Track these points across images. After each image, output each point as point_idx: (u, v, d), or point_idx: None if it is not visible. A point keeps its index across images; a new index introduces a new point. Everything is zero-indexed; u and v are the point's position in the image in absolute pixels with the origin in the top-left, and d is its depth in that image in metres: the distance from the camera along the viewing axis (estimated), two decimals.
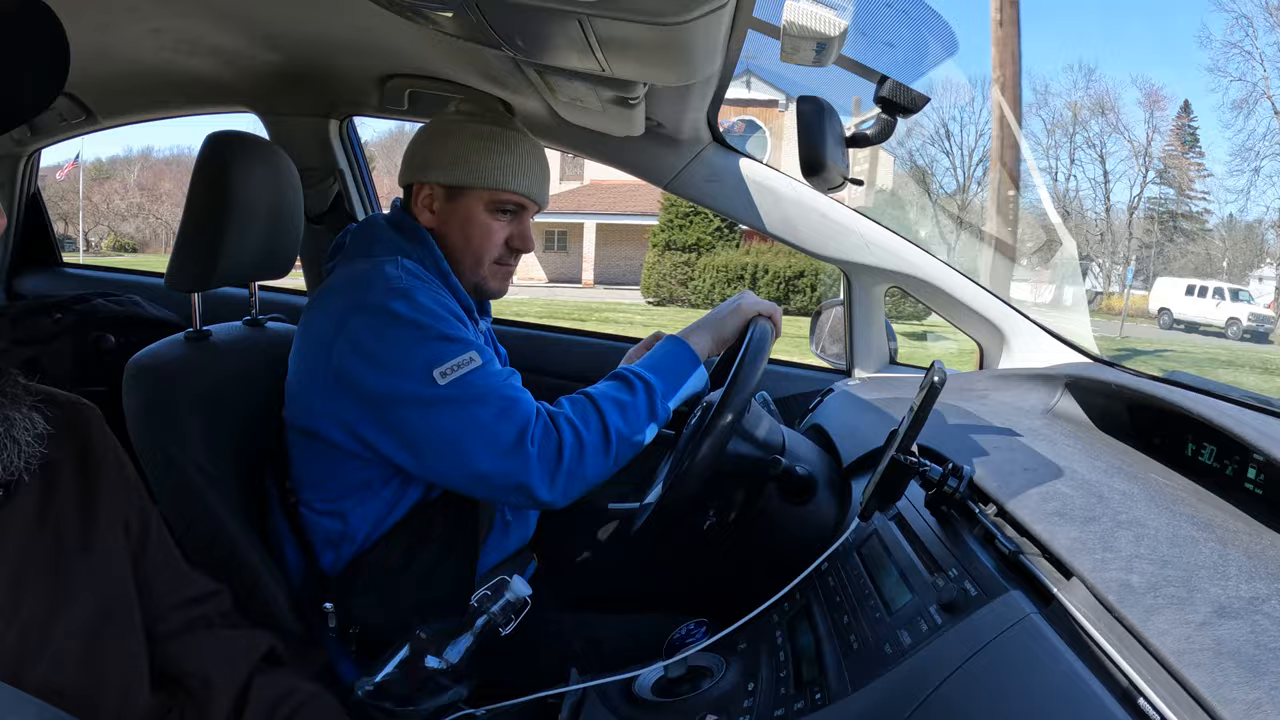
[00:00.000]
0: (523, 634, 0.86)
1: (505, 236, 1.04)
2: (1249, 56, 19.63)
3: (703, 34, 0.71)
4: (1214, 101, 24.86)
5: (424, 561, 0.96)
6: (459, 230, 1.02)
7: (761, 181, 1.46)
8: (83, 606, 0.58)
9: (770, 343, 0.97)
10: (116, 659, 0.60)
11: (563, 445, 0.88)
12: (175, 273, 1.02)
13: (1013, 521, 0.69)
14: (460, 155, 1.00)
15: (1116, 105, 21.10)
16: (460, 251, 1.03)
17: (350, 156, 1.68)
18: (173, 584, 0.68)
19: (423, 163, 1.03)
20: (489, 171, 1.01)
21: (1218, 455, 0.81)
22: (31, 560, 0.56)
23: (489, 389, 0.88)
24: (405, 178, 1.05)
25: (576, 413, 0.92)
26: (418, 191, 1.03)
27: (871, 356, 1.53)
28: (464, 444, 0.87)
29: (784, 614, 0.85)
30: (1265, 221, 20.01)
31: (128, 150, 21.99)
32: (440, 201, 1.02)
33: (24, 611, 0.55)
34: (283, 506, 0.98)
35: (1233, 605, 0.51)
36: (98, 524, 0.61)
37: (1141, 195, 20.87)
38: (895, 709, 0.58)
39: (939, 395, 0.72)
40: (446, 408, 0.87)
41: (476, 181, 1.01)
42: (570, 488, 0.90)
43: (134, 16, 1.16)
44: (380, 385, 0.88)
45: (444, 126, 1.03)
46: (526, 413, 0.89)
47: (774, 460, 0.95)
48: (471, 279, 1.04)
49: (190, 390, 0.97)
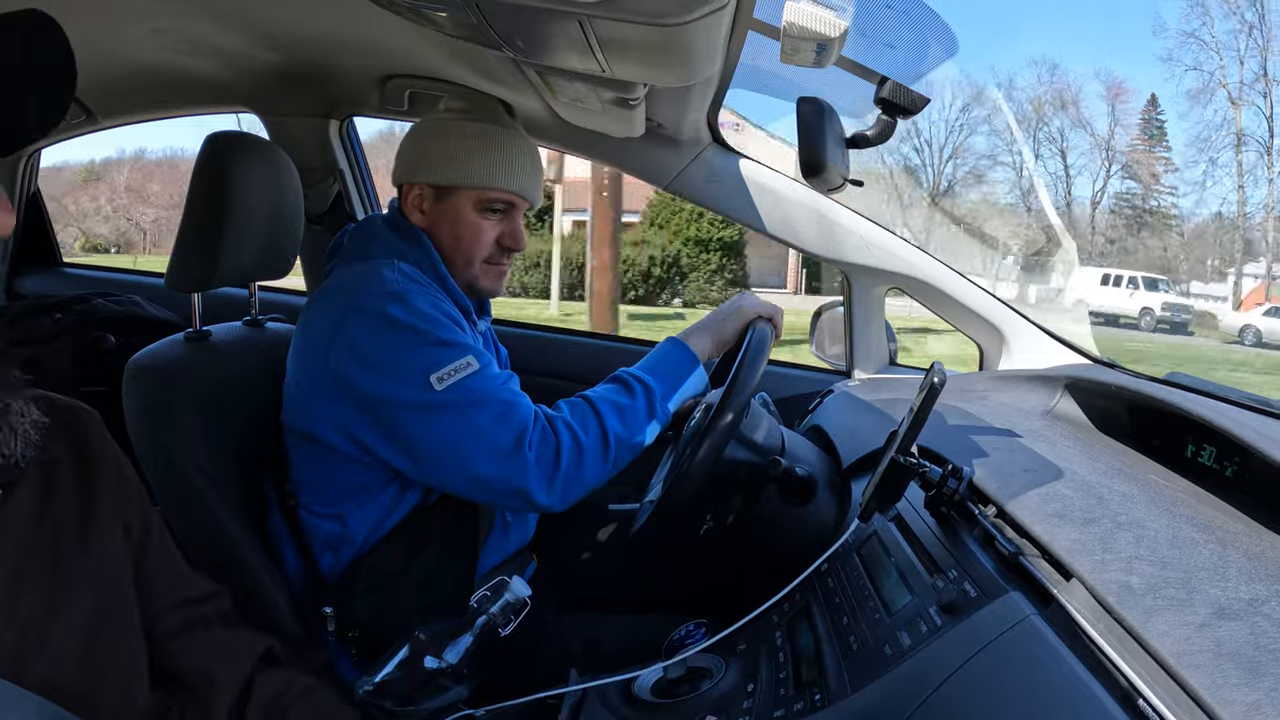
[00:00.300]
0: (522, 635, 0.86)
1: (496, 235, 1.03)
2: (1205, 45, 18.81)
3: (703, 35, 0.71)
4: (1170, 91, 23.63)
5: (423, 564, 0.96)
6: (448, 230, 1.02)
7: (761, 182, 1.46)
8: (81, 605, 0.58)
9: (770, 344, 0.97)
10: (116, 657, 0.60)
11: (561, 449, 0.88)
12: (175, 273, 1.02)
13: (1012, 523, 0.69)
14: (448, 155, 1.00)
15: (1078, 99, 20.43)
16: (451, 251, 1.02)
17: (350, 157, 1.68)
18: (173, 584, 0.68)
19: (412, 163, 1.02)
20: (477, 171, 1.00)
21: (1217, 457, 0.81)
22: (30, 559, 0.56)
23: (487, 393, 0.88)
24: (397, 178, 1.05)
25: (575, 417, 0.91)
26: (407, 192, 1.03)
27: (871, 357, 1.53)
28: (462, 449, 0.87)
29: (783, 615, 0.85)
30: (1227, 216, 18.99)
31: (120, 152, 21.77)
32: (429, 202, 1.02)
33: (23, 610, 0.55)
34: (282, 509, 0.98)
35: (1232, 607, 0.51)
36: (96, 525, 0.61)
37: (1104, 190, 20.38)
38: (895, 710, 0.58)
39: (939, 396, 0.72)
40: (444, 413, 0.87)
41: (464, 181, 1.00)
42: (569, 492, 0.90)
43: (134, 17, 1.16)
44: (377, 390, 0.88)
45: (432, 126, 1.03)
46: (524, 417, 0.88)
47: (774, 462, 0.95)
48: (464, 278, 1.04)
49: (190, 390, 0.96)
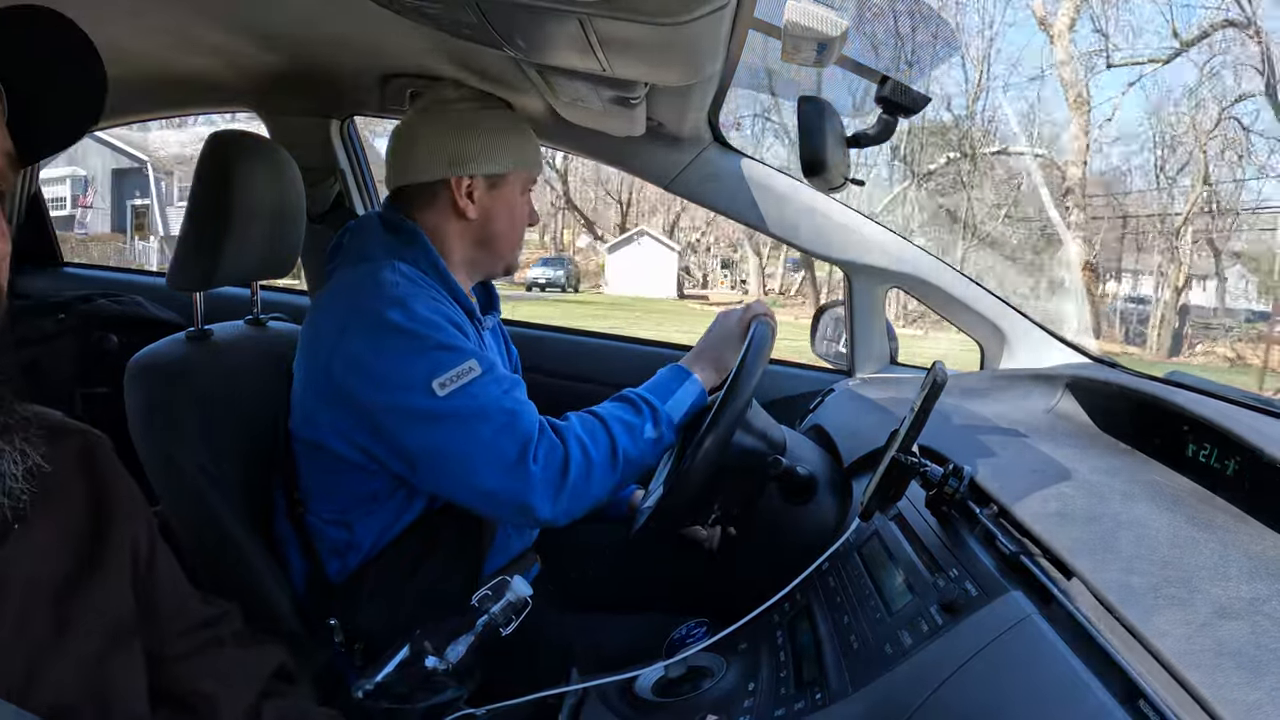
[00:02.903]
0: (523, 634, 0.86)
1: (527, 214, 1.09)
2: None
3: (704, 34, 0.71)
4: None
5: (430, 570, 0.96)
6: (505, 217, 1.05)
7: (762, 182, 1.46)
8: (89, 634, 0.58)
9: (770, 344, 0.97)
10: (122, 684, 0.59)
11: (569, 461, 0.88)
12: (177, 272, 1.02)
13: (1013, 522, 0.69)
14: (496, 144, 1.02)
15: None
16: (507, 238, 1.06)
17: (351, 156, 1.68)
18: (180, 610, 0.68)
19: (454, 156, 1.01)
20: (528, 155, 1.05)
21: (1219, 456, 0.81)
22: (39, 587, 0.56)
23: (490, 402, 0.88)
24: (429, 174, 1.02)
25: (585, 430, 0.91)
26: (457, 186, 1.01)
27: (872, 356, 1.53)
28: (465, 461, 0.86)
29: (784, 614, 0.85)
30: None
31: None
32: (482, 191, 1.02)
33: (30, 637, 0.55)
34: (290, 515, 0.98)
35: (1233, 606, 0.51)
36: (106, 552, 0.61)
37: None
38: (896, 709, 0.58)
39: (940, 395, 0.72)
40: (447, 424, 0.86)
41: (518, 167, 1.04)
42: (573, 507, 0.89)
43: (134, 16, 1.16)
44: (379, 399, 0.87)
45: (460, 118, 1.02)
46: (529, 428, 0.88)
47: (775, 459, 0.95)
48: (508, 260, 1.09)
49: (192, 389, 0.97)
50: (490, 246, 1.06)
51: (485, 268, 1.09)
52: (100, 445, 0.65)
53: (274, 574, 0.96)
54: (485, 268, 1.09)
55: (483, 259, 1.07)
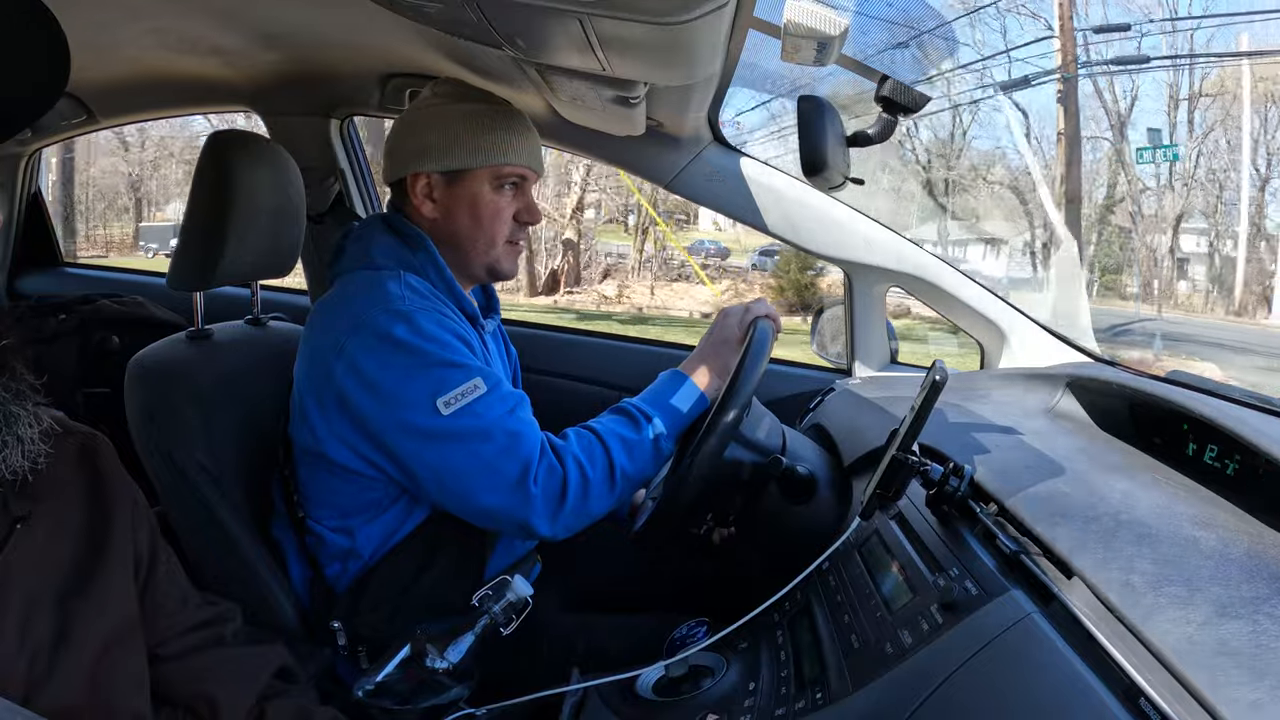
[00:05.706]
0: (524, 634, 0.86)
1: (514, 211, 1.02)
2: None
3: (703, 34, 0.71)
4: None
5: (431, 576, 0.96)
6: (467, 214, 0.99)
7: (762, 181, 1.46)
8: (92, 633, 0.58)
9: (771, 343, 0.97)
10: (123, 684, 0.60)
11: (568, 483, 0.88)
12: (177, 272, 1.02)
13: (1014, 521, 0.69)
14: (452, 139, 0.98)
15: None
16: (471, 237, 1.00)
17: (351, 156, 1.68)
18: (181, 609, 0.68)
19: (414, 152, 0.99)
20: (488, 149, 0.98)
21: (1219, 454, 0.81)
22: (42, 589, 0.56)
23: (494, 422, 0.87)
24: (394, 173, 1.02)
25: (583, 449, 0.90)
26: (413, 183, 1.00)
27: (872, 356, 1.53)
28: (466, 480, 0.87)
29: (785, 613, 0.85)
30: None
31: None
32: (440, 189, 0.99)
33: (34, 637, 0.55)
34: (291, 520, 0.97)
35: (1234, 605, 0.51)
36: (107, 553, 0.61)
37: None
38: (897, 708, 0.58)
39: (940, 394, 0.72)
40: (449, 442, 0.86)
41: (477, 161, 0.98)
42: (572, 524, 0.90)
43: (134, 16, 1.16)
44: (383, 414, 0.87)
45: (427, 112, 1.01)
46: (530, 449, 0.87)
47: (775, 460, 0.95)
48: (485, 262, 1.02)
49: (192, 389, 0.97)
50: (456, 246, 1.00)
51: (462, 270, 1.02)
52: (101, 445, 0.65)
53: (275, 575, 0.96)
54: (462, 270, 1.02)
55: (454, 260, 1.01)
